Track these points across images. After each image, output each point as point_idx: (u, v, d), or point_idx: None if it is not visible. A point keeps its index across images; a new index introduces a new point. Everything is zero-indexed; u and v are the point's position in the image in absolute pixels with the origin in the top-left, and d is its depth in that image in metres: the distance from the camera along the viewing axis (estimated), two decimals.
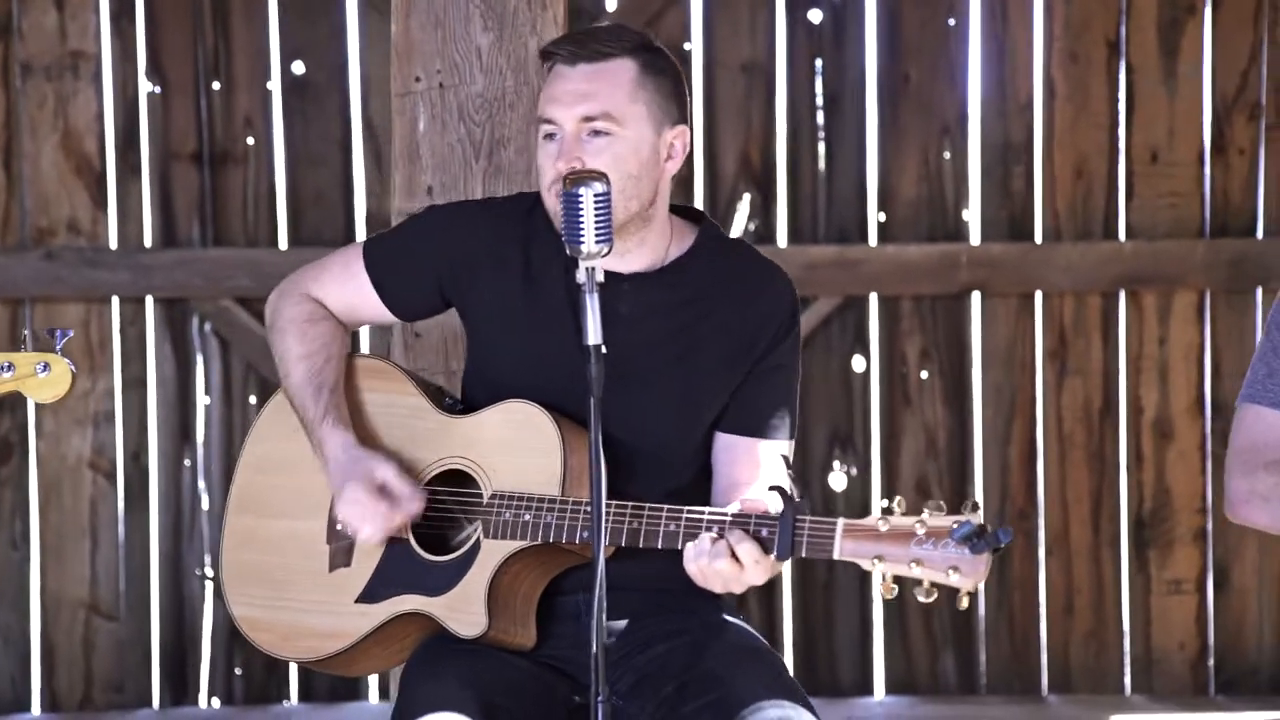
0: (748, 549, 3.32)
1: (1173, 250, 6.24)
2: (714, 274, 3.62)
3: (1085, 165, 6.26)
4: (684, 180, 6.20)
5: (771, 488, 3.32)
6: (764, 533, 3.32)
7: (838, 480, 6.27)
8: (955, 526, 3.19)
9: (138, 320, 6.13)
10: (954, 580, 3.20)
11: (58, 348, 3.35)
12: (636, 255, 3.59)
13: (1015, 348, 6.27)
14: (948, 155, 6.25)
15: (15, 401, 6.06)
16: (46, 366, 3.35)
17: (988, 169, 6.26)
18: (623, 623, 3.57)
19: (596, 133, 3.52)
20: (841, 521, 3.26)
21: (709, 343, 3.59)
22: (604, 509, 3.31)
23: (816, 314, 6.21)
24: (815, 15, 6.20)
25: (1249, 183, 6.26)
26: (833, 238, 6.23)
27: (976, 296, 6.27)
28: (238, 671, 6.22)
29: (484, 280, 3.63)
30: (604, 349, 3.27)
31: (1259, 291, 6.25)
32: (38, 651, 6.16)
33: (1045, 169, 6.26)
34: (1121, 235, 6.26)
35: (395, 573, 3.54)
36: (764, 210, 6.23)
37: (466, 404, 3.65)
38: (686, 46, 6.17)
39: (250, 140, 6.14)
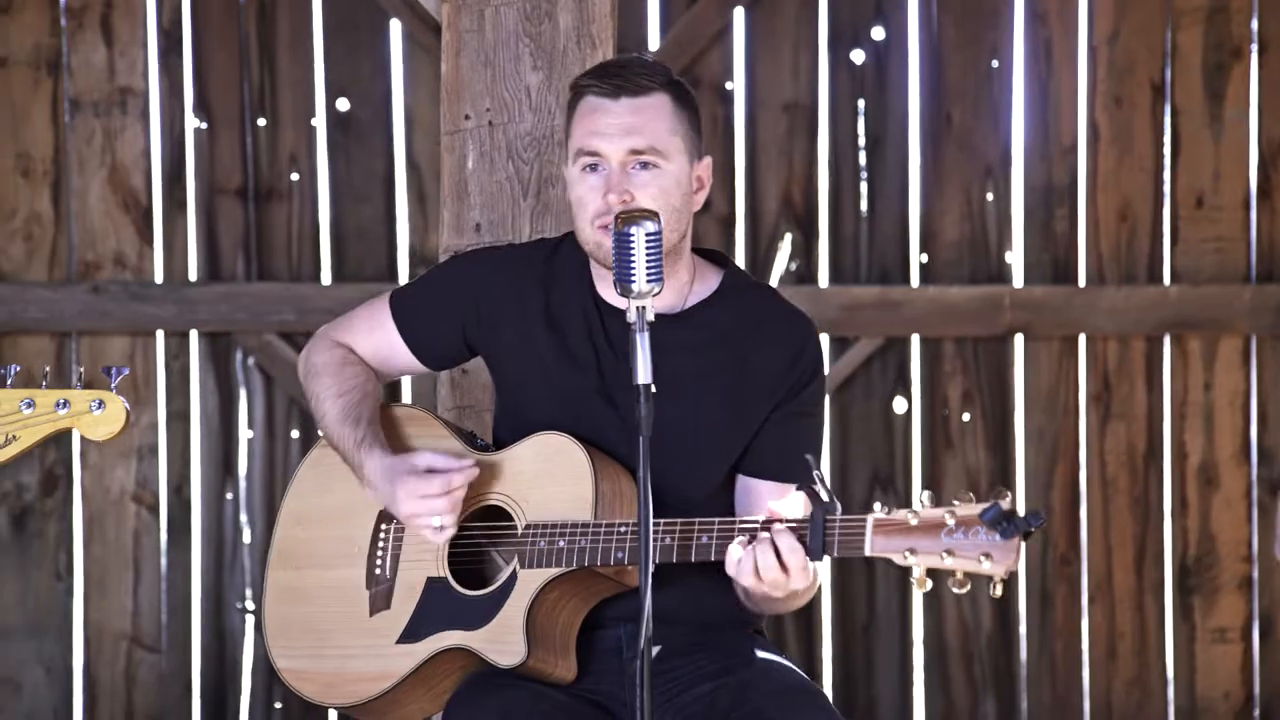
0: (787, 542, 3.29)
1: (1218, 295, 6.20)
2: (737, 318, 3.63)
3: (1129, 209, 6.24)
4: (725, 220, 6.21)
5: (799, 488, 3.31)
6: (796, 536, 3.31)
7: None
8: (984, 511, 3.16)
9: (182, 354, 6.17)
10: (986, 568, 3.18)
11: (113, 385, 3.37)
12: (661, 295, 3.59)
13: (1058, 391, 6.24)
14: (990, 197, 6.24)
15: (61, 434, 6.10)
16: (101, 404, 3.36)
17: (1031, 211, 6.25)
18: (668, 653, 3.56)
19: (644, 165, 3.54)
20: (872, 517, 3.25)
21: (731, 384, 3.60)
22: (633, 535, 3.30)
23: (858, 355, 6.20)
24: (858, 56, 6.20)
25: None
26: (874, 279, 6.22)
27: (1019, 339, 6.24)
28: (278, 705, 6.24)
29: (508, 325, 3.65)
30: (617, 390, 3.26)
31: None
32: (80, 683, 6.19)
33: (1089, 212, 6.23)
34: (1166, 279, 6.23)
35: (435, 611, 3.55)
36: (805, 250, 6.23)
37: (497, 445, 3.67)
38: (729, 86, 6.19)
39: (295, 176, 6.18)
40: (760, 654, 3.60)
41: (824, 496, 3.27)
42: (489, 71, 4.09)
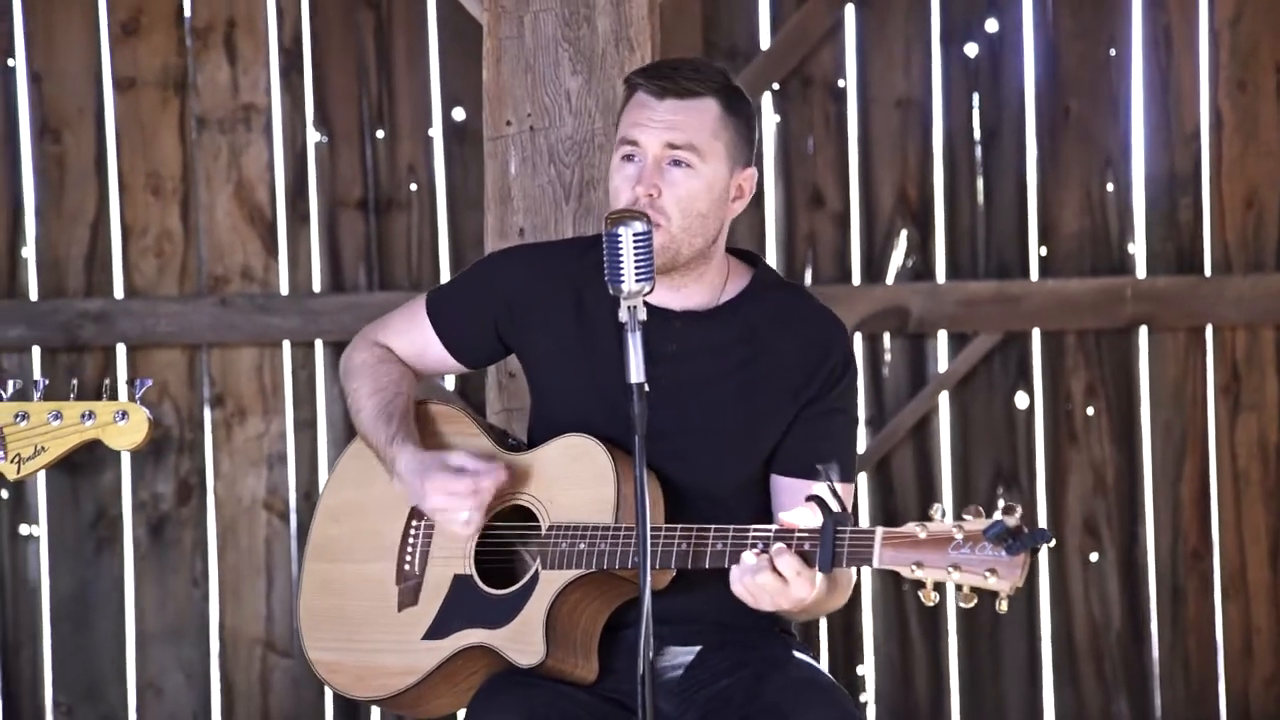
0: (788, 562, 3.32)
1: None
2: (766, 315, 3.65)
3: (1255, 196, 6.10)
4: (840, 217, 6.18)
5: (809, 498, 3.32)
6: (806, 546, 3.33)
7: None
8: (987, 528, 3.15)
9: (308, 363, 6.30)
10: (991, 583, 3.17)
11: (136, 397, 3.48)
12: (692, 292, 3.63)
13: (1185, 383, 6.12)
14: (1110, 188, 6.14)
15: (194, 444, 6.27)
16: (124, 415, 3.47)
17: (1153, 201, 6.14)
18: (691, 652, 3.58)
19: (677, 163, 3.57)
20: (880, 530, 3.26)
21: (758, 382, 3.61)
22: (650, 541, 3.32)
23: (977, 351, 6.14)
24: (971, 49, 6.14)
25: None
26: (992, 273, 6.15)
27: (1144, 331, 6.13)
28: None
29: (538, 322, 3.69)
30: (647, 387, 3.30)
31: None
32: (218, 688, 6.34)
33: (1214, 200, 6.11)
34: None
35: (460, 608, 3.60)
36: (922, 246, 6.18)
37: (530, 444, 3.71)
38: (841, 83, 6.16)
39: (413, 186, 6.27)
40: (787, 652, 3.60)
41: (834, 507, 3.27)
42: (529, 77, 4.13)
